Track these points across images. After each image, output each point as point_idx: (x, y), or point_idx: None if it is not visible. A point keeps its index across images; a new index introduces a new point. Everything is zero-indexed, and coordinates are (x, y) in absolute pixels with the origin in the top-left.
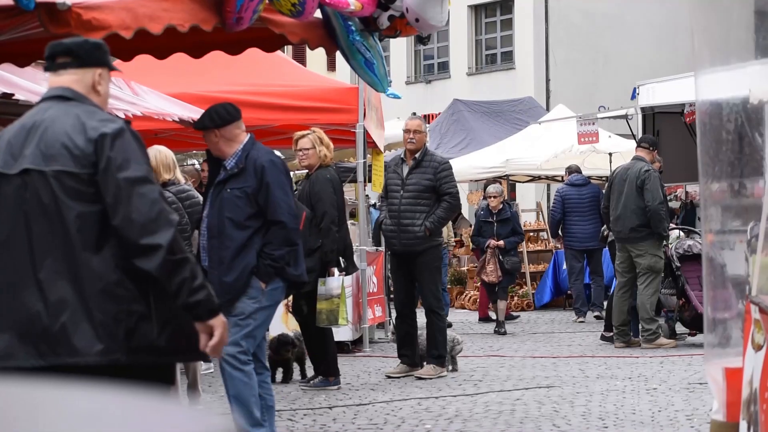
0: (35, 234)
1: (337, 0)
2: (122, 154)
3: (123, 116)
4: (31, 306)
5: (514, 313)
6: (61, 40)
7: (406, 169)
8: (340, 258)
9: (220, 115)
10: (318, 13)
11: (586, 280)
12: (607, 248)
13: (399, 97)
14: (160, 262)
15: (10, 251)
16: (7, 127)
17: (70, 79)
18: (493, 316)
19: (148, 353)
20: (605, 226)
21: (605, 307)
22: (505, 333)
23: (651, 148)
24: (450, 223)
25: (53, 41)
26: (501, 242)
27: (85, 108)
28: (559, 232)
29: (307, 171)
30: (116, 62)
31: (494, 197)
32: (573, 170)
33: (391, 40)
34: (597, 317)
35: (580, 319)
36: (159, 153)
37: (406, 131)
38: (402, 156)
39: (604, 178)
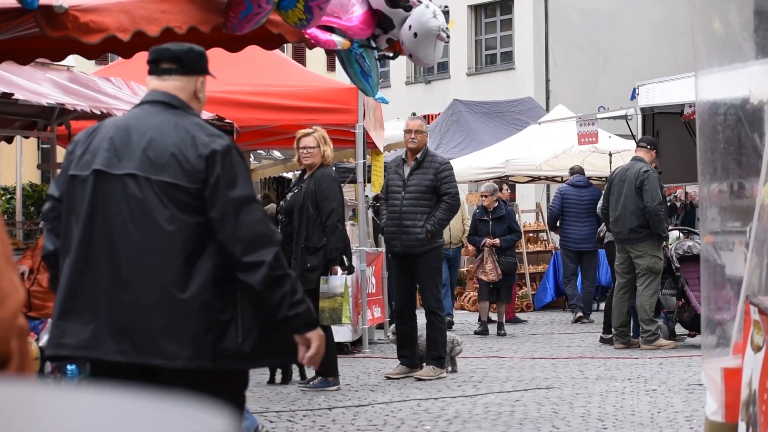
0: (133, 236)
1: (324, 41)
2: (231, 172)
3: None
4: (122, 304)
5: (521, 317)
6: (167, 45)
7: (407, 170)
8: (344, 257)
9: None
10: None
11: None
12: (603, 250)
13: (386, 102)
14: (263, 277)
15: (108, 249)
16: (106, 122)
17: (175, 85)
18: (494, 317)
19: (234, 360)
20: (602, 226)
21: (603, 309)
22: (504, 334)
23: (650, 148)
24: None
25: (158, 46)
26: (497, 240)
27: (191, 120)
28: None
29: (303, 170)
30: (117, 60)
31: (485, 196)
32: (575, 171)
33: None
34: (578, 319)
35: (579, 314)
36: None
37: (407, 131)
38: (403, 157)
39: (603, 179)
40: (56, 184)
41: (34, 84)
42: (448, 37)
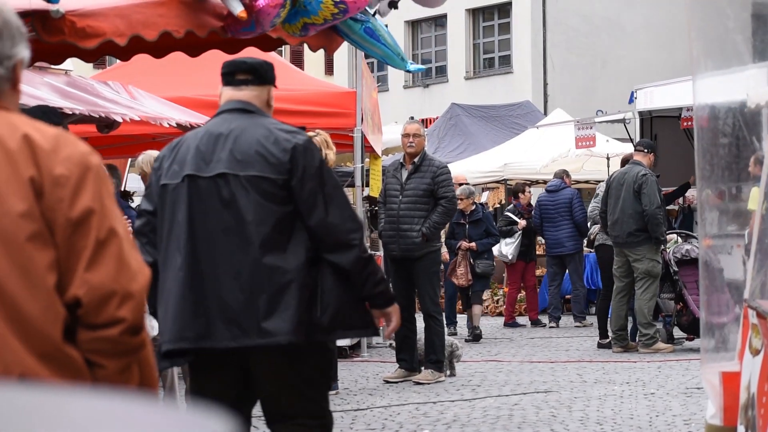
0: (231, 230)
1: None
2: (314, 163)
3: (120, 120)
4: (227, 293)
5: (519, 321)
6: (242, 58)
7: (405, 174)
8: None
9: None
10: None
11: (566, 286)
12: (592, 252)
13: (422, 69)
14: (353, 258)
15: (207, 246)
16: (188, 135)
17: (250, 94)
18: (475, 320)
19: (322, 333)
20: (595, 229)
21: (596, 312)
22: (479, 338)
23: (647, 151)
24: None
25: (234, 60)
26: (472, 244)
27: (269, 120)
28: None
29: None
30: (115, 63)
31: (461, 199)
32: (556, 175)
33: None
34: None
35: (551, 324)
36: (151, 157)
37: (405, 135)
38: (401, 161)
39: (599, 182)
40: (148, 199)
41: (32, 88)
42: None
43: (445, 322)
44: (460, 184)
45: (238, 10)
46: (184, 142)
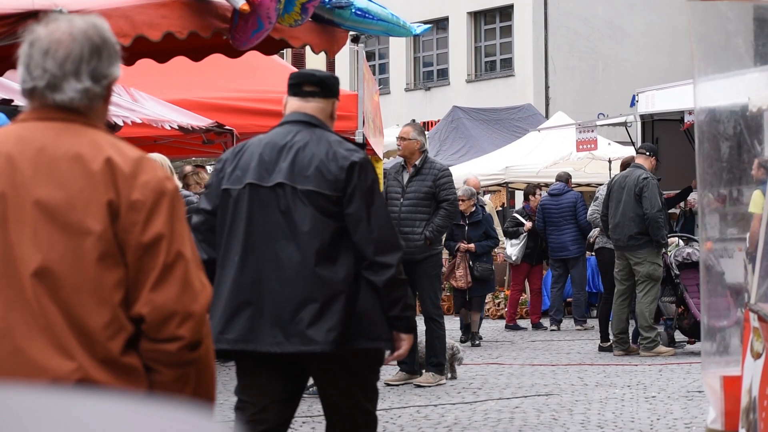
0: (285, 239)
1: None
2: (366, 182)
3: (122, 123)
4: (277, 300)
5: (521, 323)
6: (310, 70)
7: (406, 177)
8: None
9: None
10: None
11: (567, 289)
12: (593, 256)
13: (428, 29)
14: (387, 278)
15: (259, 251)
16: (252, 142)
17: (316, 107)
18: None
19: (349, 339)
20: (595, 232)
21: (598, 316)
22: (479, 344)
23: (649, 155)
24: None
25: (303, 71)
26: (471, 246)
27: (331, 136)
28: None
29: None
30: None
31: (462, 200)
32: (558, 178)
33: (390, 48)
34: (554, 327)
35: (553, 327)
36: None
37: (397, 138)
38: (402, 163)
39: (600, 185)
40: (207, 198)
41: None
42: None
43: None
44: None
45: (240, 3)
46: (247, 149)
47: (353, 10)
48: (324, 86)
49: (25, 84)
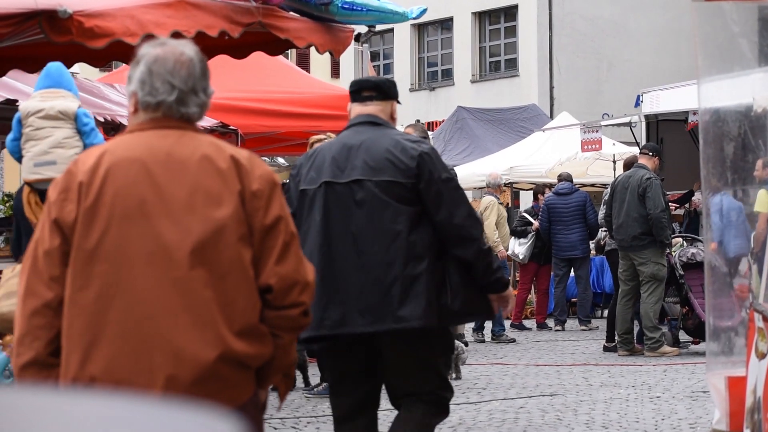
0: (365, 228)
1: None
2: (438, 168)
3: (126, 122)
4: (364, 286)
5: (526, 323)
6: (367, 77)
7: None
8: None
9: None
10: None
11: (572, 289)
12: (604, 257)
13: (424, 10)
14: (474, 251)
15: (346, 243)
16: (323, 146)
17: (376, 108)
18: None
19: (451, 317)
20: (604, 234)
21: (606, 317)
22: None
23: (652, 155)
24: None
25: (360, 79)
26: None
27: (395, 131)
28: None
29: None
30: (121, 67)
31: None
32: (562, 178)
33: (394, 48)
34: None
35: (557, 328)
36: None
37: None
38: None
39: (606, 186)
40: (287, 204)
41: None
42: None
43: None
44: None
45: None
46: (319, 153)
47: (339, 5)
48: (380, 89)
49: (150, 98)
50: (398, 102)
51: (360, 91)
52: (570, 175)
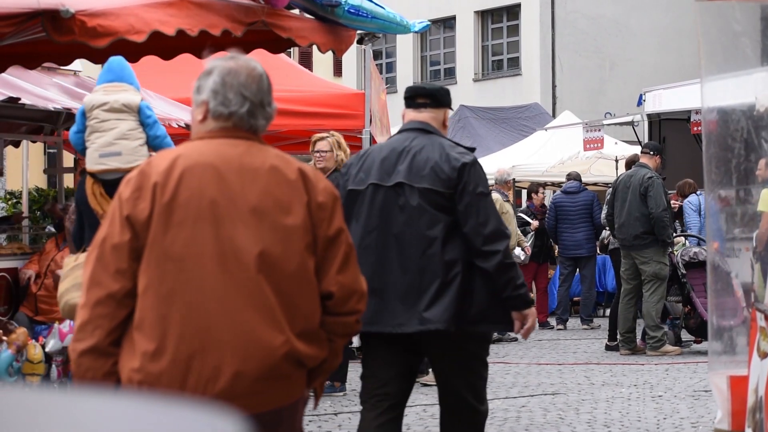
0: (405, 231)
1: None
2: (475, 180)
3: None
4: (399, 286)
5: (549, 321)
6: (422, 84)
7: None
8: None
9: None
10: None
11: (576, 288)
12: (607, 256)
13: (428, 26)
14: (497, 263)
15: (385, 243)
16: (374, 148)
17: (429, 116)
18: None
19: (470, 323)
20: (607, 233)
21: (609, 316)
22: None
23: (653, 154)
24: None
25: (415, 85)
26: None
27: (444, 140)
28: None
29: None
30: None
31: None
32: (572, 177)
33: (397, 47)
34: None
35: (559, 327)
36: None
37: None
38: None
39: (609, 185)
40: None
41: (41, 89)
42: None
43: None
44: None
45: None
46: (369, 154)
47: (346, 8)
48: (434, 98)
49: (223, 108)
50: (451, 109)
51: (415, 97)
52: (579, 174)
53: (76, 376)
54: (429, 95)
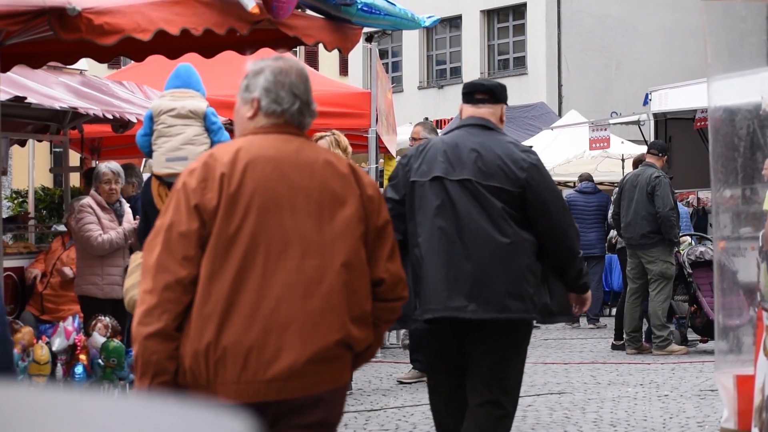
0: (474, 226)
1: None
2: (544, 180)
3: (135, 120)
4: (472, 276)
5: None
6: (480, 80)
7: None
8: None
9: None
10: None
11: None
12: (614, 255)
13: (438, 21)
14: (573, 259)
15: (455, 236)
16: (435, 141)
17: (487, 111)
18: None
19: (551, 315)
20: (614, 233)
21: (615, 315)
22: None
23: (660, 154)
24: None
25: (474, 81)
26: None
27: (506, 138)
28: None
29: None
30: (129, 64)
31: None
32: (584, 178)
33: (403, 46)
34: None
35: (575, 324)
36: None
37: (409, 138)
38: None
39: (615, 184)
40: (394, 189)
41: (47, 88)
42: None
43: None
44: None
45: (251, 6)
46: (431, 147)
47: (359, 6)
48: (492, 93)
49: (276, 105)
50: (507, 105)
51: (473, 93)
52: (590, 175)
53: (140, 358)
54: (487, 91)
